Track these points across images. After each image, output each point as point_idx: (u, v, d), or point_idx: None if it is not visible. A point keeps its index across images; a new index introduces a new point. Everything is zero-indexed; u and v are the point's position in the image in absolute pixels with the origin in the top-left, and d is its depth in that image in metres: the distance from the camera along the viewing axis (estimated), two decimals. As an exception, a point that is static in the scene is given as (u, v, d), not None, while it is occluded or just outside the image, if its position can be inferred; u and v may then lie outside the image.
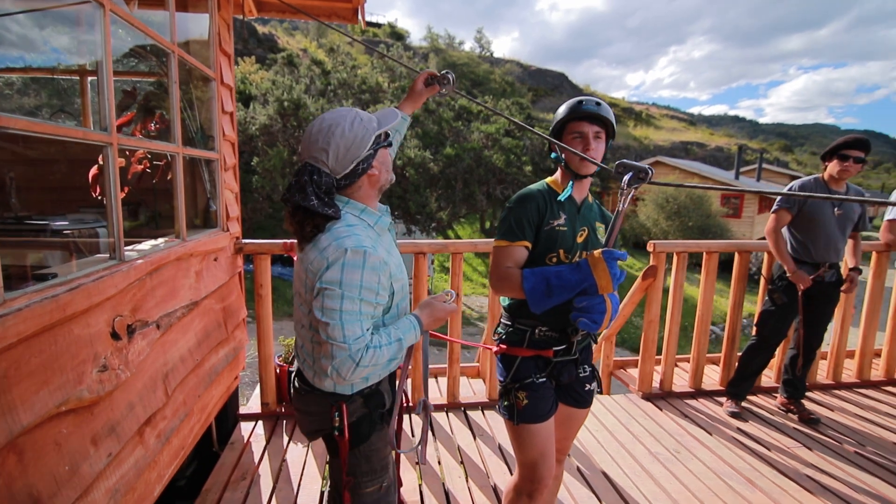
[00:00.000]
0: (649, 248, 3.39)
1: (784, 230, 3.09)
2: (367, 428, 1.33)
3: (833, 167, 2.90)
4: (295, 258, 1.42)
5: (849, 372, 3.87)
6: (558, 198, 1.66)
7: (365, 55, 25.07)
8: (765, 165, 28.31)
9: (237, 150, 2.86)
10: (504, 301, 1.74)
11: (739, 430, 3.01)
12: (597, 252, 1.46)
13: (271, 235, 15.44)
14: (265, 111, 12.57)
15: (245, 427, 2.90)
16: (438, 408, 3.17)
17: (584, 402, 1.77)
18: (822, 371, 3.86)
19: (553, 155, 1.76)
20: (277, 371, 3.11)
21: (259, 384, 3.05)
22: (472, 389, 3.52)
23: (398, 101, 15.29)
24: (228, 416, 2.90)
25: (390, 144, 1.35)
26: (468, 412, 3.15)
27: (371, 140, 1.24)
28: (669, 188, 17.01)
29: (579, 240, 1.66)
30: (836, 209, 2.91)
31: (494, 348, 1.72)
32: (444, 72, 1.78)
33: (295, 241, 2.69)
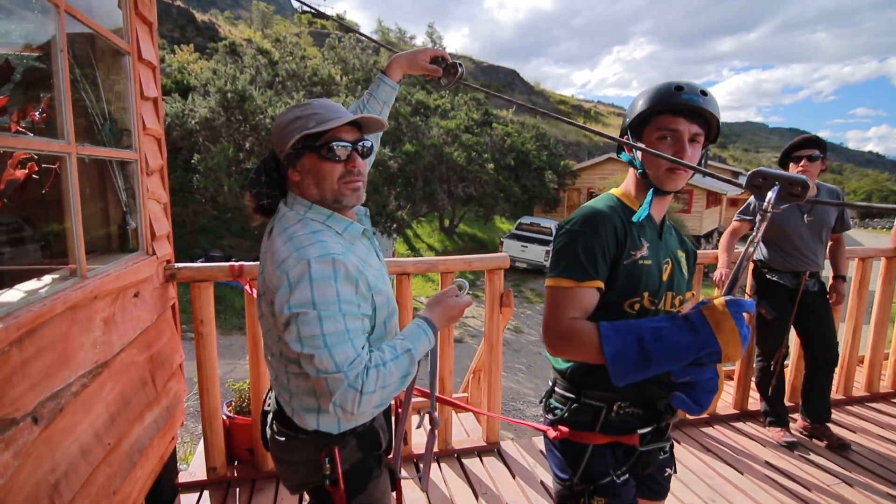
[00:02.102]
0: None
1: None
2: (363, 476, 1.15)
3: (792, 172, 2.71)
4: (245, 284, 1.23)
5: (857, 384, 3.64)
6: (633, 218, 1.17)
7: (314, 47, 23.95)
8: (710, 162, 29.56)
9: (164, 148, 2.21)
10: (560, 362, 1.24)
11: (769, 465, 2.67)
12: (719, 302, 0.98)
13: (216, 238, 14.33)
14: (206, 103, 11.47)
15: (187, 501, 2.27)
16: (427, 457, 2.65)
17: (662, 491, 1.31)
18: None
19: (624, 156, 1.27)
20: (227, 423, 2.48)
21: (203, 443, 2.41)
22: (464, 429, 3.01)
23: (353, 94, 14.56)
24: (163, 488, 2.26)
25: (332, 156, 1.05)
26: (463, 460, 2.65)
27: (291, 137, 1.03)
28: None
29: (664, 277, 1.19)
30: (805, 215, 2.74)
31: (552, 433, 1.22)
32: (457, 62, 1.42)
33: (242, 263, 2.07)
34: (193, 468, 2.48)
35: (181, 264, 2.21)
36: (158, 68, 2.17)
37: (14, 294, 1.29)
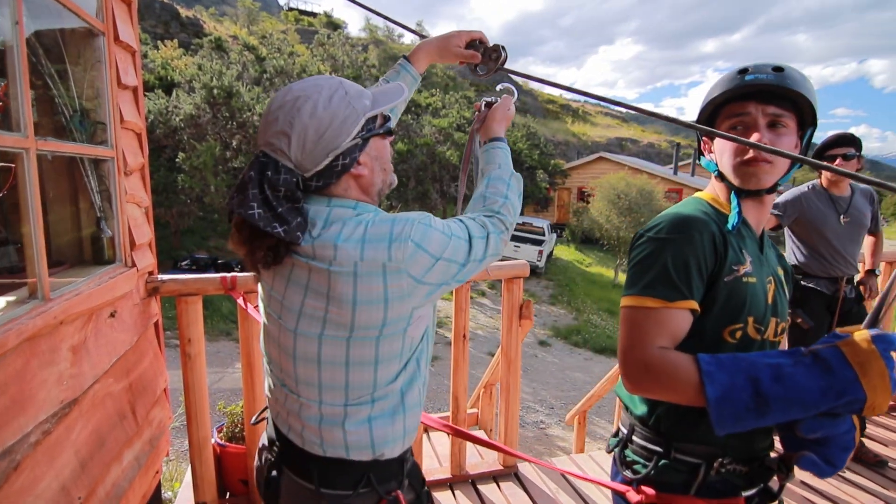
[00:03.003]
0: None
1: (789, 241, 2.77)
2: None
3: (826, 172, 2.58)
4: (259, 287, 1.01)
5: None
6: (727, 225, 0.96)
7: (302, 44, 23.54)
8: (697, 161, 29.85)
9: (146, 145, 1.95)
10: (638, 405, 1.02)
11: (805, 485, 2.48)
12: (862, 337, 0.76)
13: (202, 239, 13.93)
14: (191, 100, 11.06)
15: (171, 541, 2.02)
16: (440, 483, 2.41)
17: None
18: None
19: (703, 161, 1.06)
20: (218, 451, 2.23)
21: (192, 476, 2.15)
22: (478, 451, 2.78)
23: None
24: (146, 527, 2.00)
25: (390, 132, 0.98)
26: (478, 486, 2.42)
27: (359, 124, 0.88)
28: (617, 182, 17.07)
29: (769, 299, 0.97)
30: (842, 217, 2.58)
31: (634, 496, 0.99)
32: (499, 44, 1.20)
33: (235, 275, 1.80)
34: (180, 502, 2.22)
35: (165, 276, 1.95)
36: (139, 53, 1.90)
37: (-48, 325, 1.03)
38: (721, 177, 1.01)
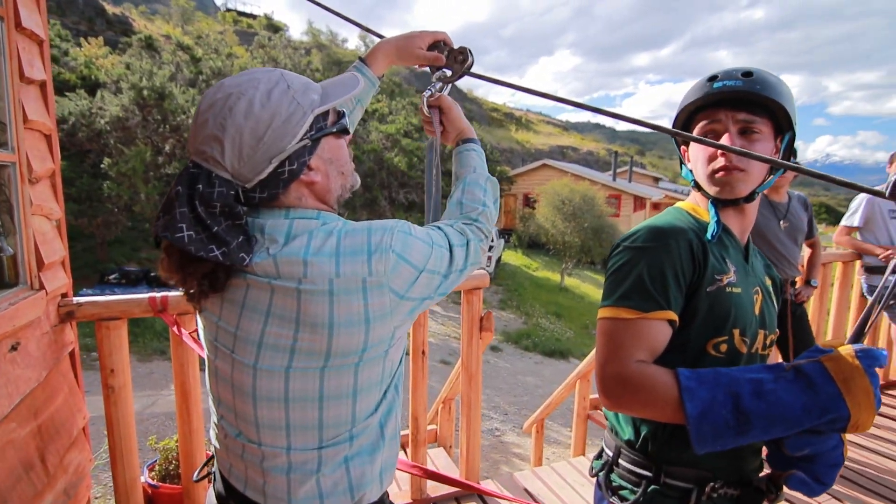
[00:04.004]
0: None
1: None
2: None
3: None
4: (198, 318, 0.87)
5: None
6: (706, 235, 0.91)
7: (241, 46, 22.68)
8: (634, 168, 31.51)
9: (56, 148, 1.70)
10: (625, 429, 0.95)
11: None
12: (847, 352, 0.73)
13: (132, 251, 13.00)
14: (118, 101, 10.27)
15: None
16: (400, 510, 2.27)
17: None
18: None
19: (683, 170, 1.02)
20: (149, 493, 1.99)
21: (117, 522, 1.90)
22: (435, 467, 2.66)
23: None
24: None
25: (345, 130, 0.84)
26: (441, 509, 2.30)
27: (306, 123, 0.75)
28: (561, 188, 17.53)
29: (756, 310, 0.93)
30: (781, 222, 2.69)
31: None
32: (465, 47, 1.10)
33: (166, 294, 1.63)
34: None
35: (83, 298, 1.71)
36: (47, 44, 1.66)
37: None
38: (698, 186, 0.97)
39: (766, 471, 0.92)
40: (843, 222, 3.40)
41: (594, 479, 1.03)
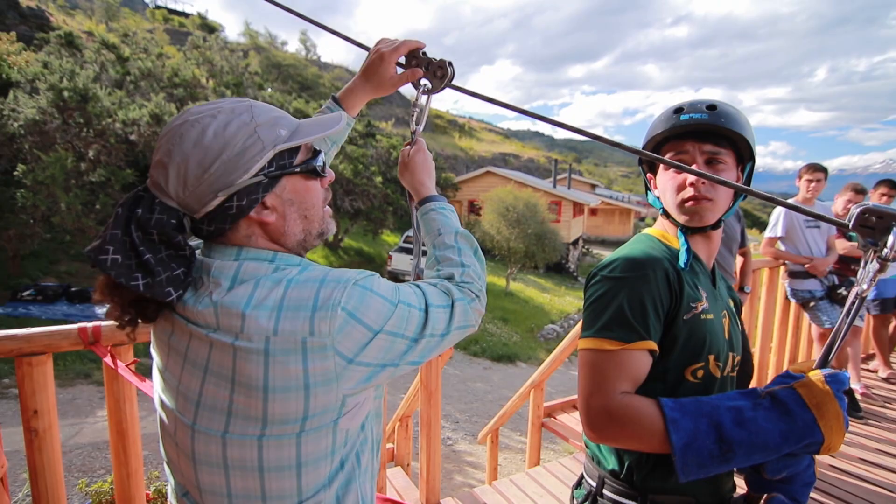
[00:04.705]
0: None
1: None
2: None
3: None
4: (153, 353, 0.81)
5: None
6: (678, 263, 0.94)
7: (172, 45, 21.55)
8: (572, 175, 32.86)
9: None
10: (609, 459, 0.97)
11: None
12: (818, 378, 0.77)
13: (50, 264, 11.95)
14: (34, 102, 9.43)
15: None
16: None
17: None
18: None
19: (650, 197, 1.05)
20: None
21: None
22: (395, 490, 2.59)
23: (219, 97, 13.21)
24: None
25: (315, 172, 0.77)
26: (400, 533, 2.24)
27: (263, 158, 0.70)
28: (505, 195, 17.87)
29: (725, 334, 0.97)
30: None
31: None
32: (444, 59, 0.99)
33: (98, 324, 1.51)
34: None
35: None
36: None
37: None
38: (666, 214, 1.00)
39: (740, 491, 0.95)
40: (767, 233, 3.66)
41: (551, 493, 1.03)
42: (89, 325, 1.58)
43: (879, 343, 4.19)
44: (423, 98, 1.02)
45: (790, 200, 3.60)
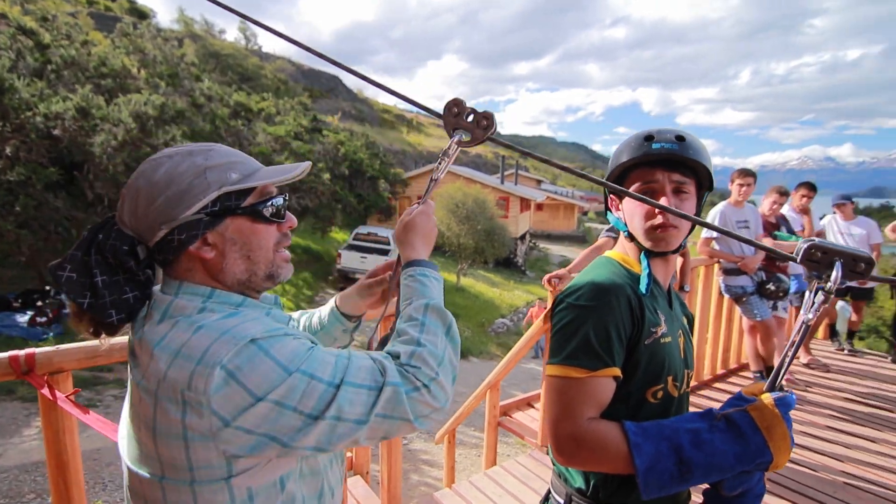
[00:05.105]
0: (548, 286, 2.97)
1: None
2: None
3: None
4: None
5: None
6: (639, 289, 0.99)
7: (98, 31, 20.09)
8: (518, 171, 33.60)
9: None
10: (575, 477, 1.02)
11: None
12: (769, 401, 0.84)
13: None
14: (-63, 93, 8.52)
15: None
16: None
17: None
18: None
19: (611, 217, 1.09)
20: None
21: None
22: (354, 498, 2.57)
23: (152, 88, 12.47)
24: None
25: (261, 216, 0.80)
26: (361, 544, 2.23)
27: (206, 198, 0.75)
28: (454, 192, 18.00)
29: (681, 354, 1.03)
30: None
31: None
32: (486, 111, 0.86)
33: (33, 351, 1.43)
34: None
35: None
36: None
37: None
38: (631, 237, 1.04)
39: (695, 499, 1.01)
40: (704, 234, 3.89)
41: (511, 493, 1.08)
42: (21, 353, 1.46)
43: None
44: (454, 148, 0.90)
45: (722, 203, 3.86)
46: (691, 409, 0.98)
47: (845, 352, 4.74)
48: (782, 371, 0.85)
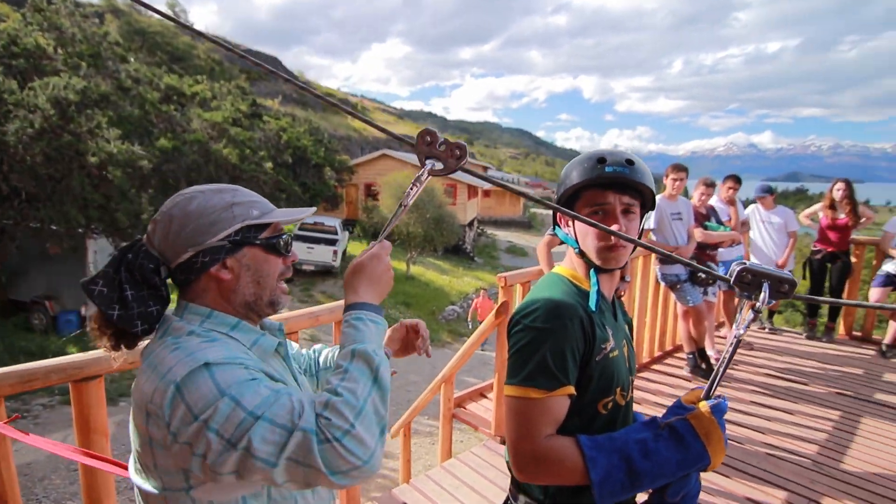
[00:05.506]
0: (500, 282, 3.06)
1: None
2: None
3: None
4: None
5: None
6: (588, 306, 1.06)
7: (8, 5, 18.18)
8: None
9: None
10: (533, 488, 1.09)
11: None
12: (706, 409, 0.93)
13: None
14: None
15: None
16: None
17: None
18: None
19: (559, 233, 1.14)
20: None
21: None
22: (312, 502, 2.58)
23: (72, 70, 11.50)
24: None
25: (275, 249, 0.92)
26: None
27: (231, 228, 0.87)
28: (403, 180, 17.89)
29: (626, 363, 1.11)
30: None
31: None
32: (458, 141, 0.88)
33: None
34: None
35: None
36: None
37: None
38: (582, 254, 1.10)
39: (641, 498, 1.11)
40: (644, 226, 4.11)
41: (467, 485, 1.15)
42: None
43: (728, 314, 4.96)
44: (426, 176, 0.90)
45: (658, 196, 4.08)
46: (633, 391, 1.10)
47: (766, 330, 5.17)
48: (717, 380, 0.95)
